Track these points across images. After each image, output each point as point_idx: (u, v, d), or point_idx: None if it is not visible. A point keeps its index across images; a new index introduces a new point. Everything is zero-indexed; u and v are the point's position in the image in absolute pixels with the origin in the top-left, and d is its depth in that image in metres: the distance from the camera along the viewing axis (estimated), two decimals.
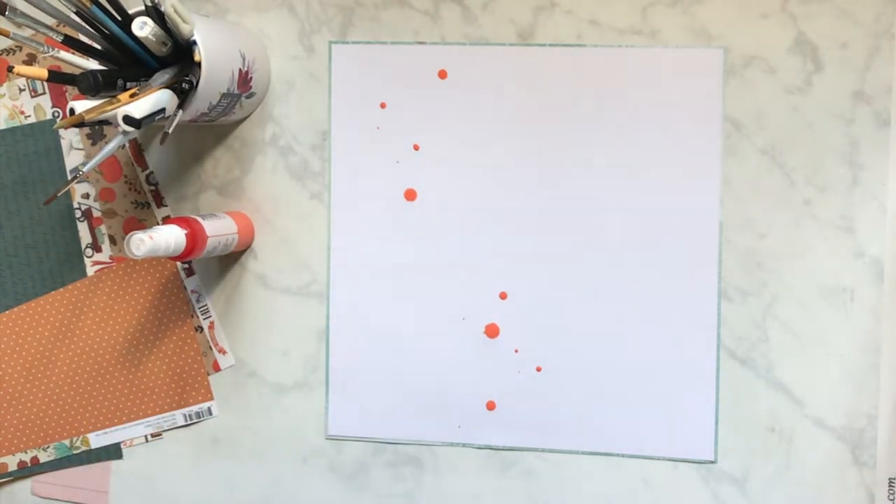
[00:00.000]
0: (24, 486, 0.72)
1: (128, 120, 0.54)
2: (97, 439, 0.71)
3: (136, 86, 0.56)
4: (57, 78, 0.56)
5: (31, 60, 0.70)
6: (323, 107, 0.67)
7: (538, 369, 0.66)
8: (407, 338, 0.67)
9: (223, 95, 0.60)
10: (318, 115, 0.67)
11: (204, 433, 0.70)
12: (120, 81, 0.55)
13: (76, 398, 0.71)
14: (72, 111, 0.56)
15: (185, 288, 0.69)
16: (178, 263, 0.69)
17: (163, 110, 0.56)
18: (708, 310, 0.64)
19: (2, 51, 0.70)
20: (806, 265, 0.63)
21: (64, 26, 0.58)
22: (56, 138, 0.70)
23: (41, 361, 0.71)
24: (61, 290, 0.70)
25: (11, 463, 0.71)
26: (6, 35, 0.56)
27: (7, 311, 0.71)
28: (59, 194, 0.57)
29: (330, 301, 0.68)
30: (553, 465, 0.66)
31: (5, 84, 0.70)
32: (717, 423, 0.64)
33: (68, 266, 0.70)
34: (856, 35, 0.62)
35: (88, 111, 0.54)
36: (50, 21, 0.64)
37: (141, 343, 0.70)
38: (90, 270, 0.70)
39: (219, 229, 0.62)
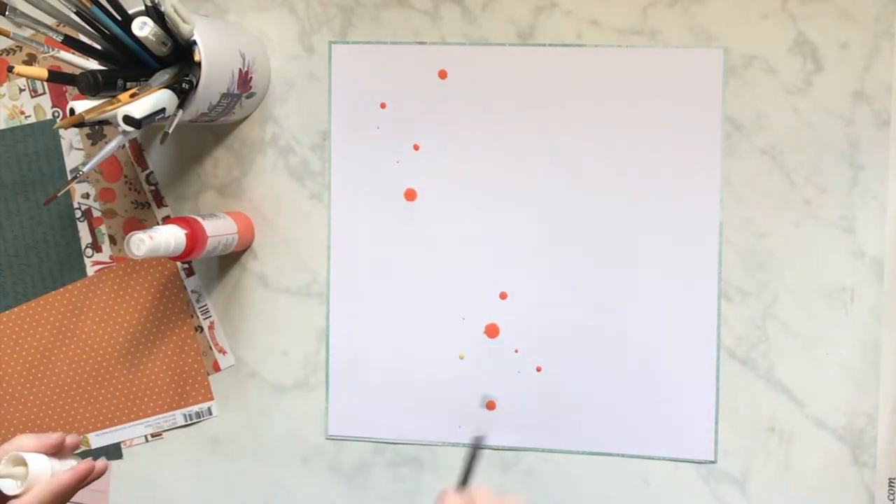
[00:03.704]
0: None
1: (128, 120, 0.54)
2: (97, 439, 0.71)
3: (136, 86, 0.56)
4: (57, 78, 0.56)
5: (31, 60, 0.70)
6: (323, 107, 0.67)
7: (538, 369, 0.66)
8: (407, 338, 0.67)
9: (223, 95, 0.60)
10: (318, 115, 0.67)
11: (204, 433, 0.70)
12: (120, 81, 0.55)
13: (76, 398, 0.71)
14: (72, 111, 0.56)
15: (185, 288, 0.69)
16: (178, 263, 0.69)
17: (163, 110, 0.56)
18: (708, 310, 0.64)
19: (2, 51, 0.70)
20: (806, 265, 0.63)
21: (64, 26, 0.58)
22: (56, 138, 0.70)
23: (41, 361, 0.71)
24: (61, 290, 0.70)
25: None
26: (6, 35, 0.56)
27: (7, 311, 0.71)
28: (59, 194, 0.57)
29: (330, 301, 0.68)
30: (553, 465, 0.66)
31: (5, 84, 0.70)
32: (717, 423, 0.64)
33: (68, 266, 0.70)
34: (856, 35, 0.62)
35: (88, 111, 0.54)
36: (50, 21, 0.64)
37: (141, 343, 0.70)
38: (90, 270, 0.70)
39: (219, 229, 0.62)
